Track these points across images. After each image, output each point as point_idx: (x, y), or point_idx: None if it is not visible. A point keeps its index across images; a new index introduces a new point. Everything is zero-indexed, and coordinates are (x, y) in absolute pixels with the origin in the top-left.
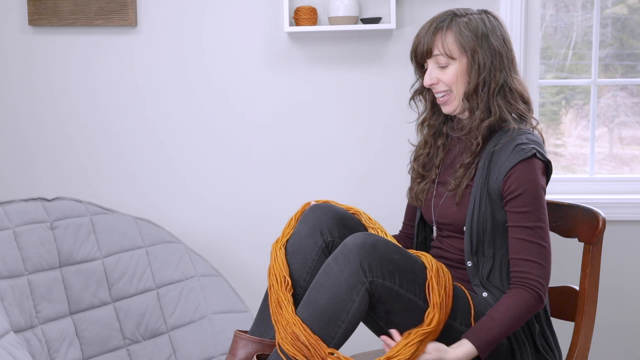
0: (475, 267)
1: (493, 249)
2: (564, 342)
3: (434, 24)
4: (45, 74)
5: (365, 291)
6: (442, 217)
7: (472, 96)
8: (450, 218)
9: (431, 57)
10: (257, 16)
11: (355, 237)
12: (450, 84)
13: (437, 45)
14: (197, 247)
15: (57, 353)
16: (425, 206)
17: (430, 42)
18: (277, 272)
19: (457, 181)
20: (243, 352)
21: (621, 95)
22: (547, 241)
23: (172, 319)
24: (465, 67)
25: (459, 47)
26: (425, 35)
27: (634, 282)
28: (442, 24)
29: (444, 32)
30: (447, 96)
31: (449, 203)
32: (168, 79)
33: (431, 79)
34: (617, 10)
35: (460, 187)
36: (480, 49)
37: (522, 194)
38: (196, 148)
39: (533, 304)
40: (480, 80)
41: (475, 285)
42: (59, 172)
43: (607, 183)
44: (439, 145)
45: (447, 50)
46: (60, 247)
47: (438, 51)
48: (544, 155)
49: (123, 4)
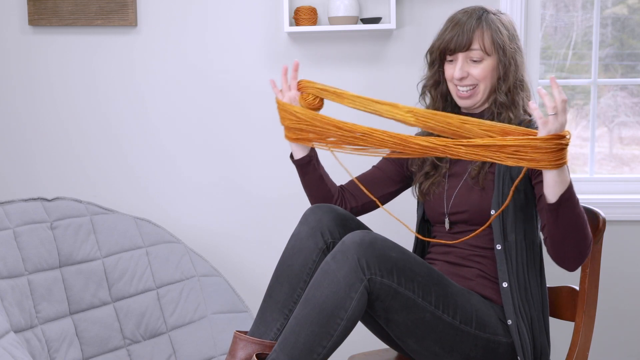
0: (505, 251)
1: (514, 234)
2: (564, 342)
3: (473, 20)
4: (45, 74)
5: (363, 288)
6: (459, 206)
7: (509, 93)
8: (470, 205)
9: (466, 51)
10: (257, 16)
11: (354, 235)
12: (480, 78)
13: (478, 39)
14: (197, 247)
15: (57, 353)
16: (435, 200)
17: (471, 36)
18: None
19: (478, 167)
20: (243, 353)
21: (621, 95)
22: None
23: (172, 319)
24: (496, 64)
25: (495, 44)
26: (464, 30)
27: (634, 282)
28: (481, 20)
29: (484, 28)
30: (472, 90)
31: (468, 190)
32: (168, 79)
33: (462, 72)
34: (617, 10)
35: (483, 171)
36: (511, 48)
37: None
38: (196, 148)
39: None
40: (513, 78)
41: (501, 271)
42: (59, 172)
43: (607, 183)
44: None
45: (486, 46)
46: (60, 247)
47: (478, 46)
48: None
49: (123, 4)
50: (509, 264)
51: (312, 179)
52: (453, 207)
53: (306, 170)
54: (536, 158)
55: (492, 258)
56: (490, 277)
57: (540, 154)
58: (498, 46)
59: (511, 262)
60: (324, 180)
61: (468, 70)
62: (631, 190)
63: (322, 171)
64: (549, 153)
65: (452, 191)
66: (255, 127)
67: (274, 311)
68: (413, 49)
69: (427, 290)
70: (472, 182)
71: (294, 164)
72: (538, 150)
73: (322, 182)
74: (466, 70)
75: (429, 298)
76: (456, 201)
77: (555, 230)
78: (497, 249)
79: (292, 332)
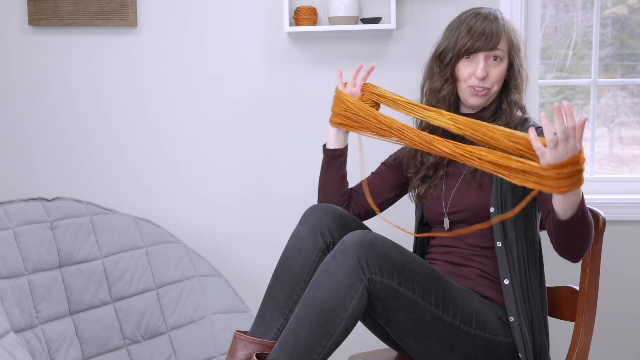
0: (505, 248)
1: (514, 231)
2: (564, 342)
3: (499, 20)
4: (45, 74)
5: (363, 288)
6: (458, 205)
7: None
8: (469, 203)
9: (490, 51)
10: (257, 16)
11: (353, 234)
12: (496, 79)
13: (504, 40)
14: (197, 247)
15: (57, 353)
16: (433, 201)
17: (500, 37)
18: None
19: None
20: (243, 353)
21: (621, 95)
22: None
23: (172, 319)
24: (507, 67)
25: (512, 47)
26: (492, 29)
27: (634, 282)
28: (504, 22)
29: (508, 30)
30: (486, 89)
31: (466, 189)
32: (168, 79)
33: (484, 71)
34: (617, 10)
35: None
36: (523, 52)
37: None
38: (196, 148)
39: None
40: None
41: (502, 268)
42: (59, 172)
43: (607, 183)
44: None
45: (508, 48)
46: (60, 247)
47: (502, 47)
48: None
49: (123, 4)
50: (510, 261)
51: (334, 174)
52: (452, 207)
53: (334, 163)
54: (540, 182)
55: (492, 257)
56: (491, 277)
57: (543, 179)
58: (515, 49)
59: (512, 259)
60: (342, 182)
61: (488, 70)
62: (631, 190)
63: (344, 172)
64: (551, 180)
65: (449, 191)
66: (255, 127)
67: (274, 311)
68: (413, 49)
69: (427, 290)
70: (471, 177)
71: (326, 153)
72: (540, 177)
73: (340, 183)
74: (486, 70)
75: (429, 298)
76: (454, 201)
77: (563, 238)
78: (498, 246)
79: (292, 332)
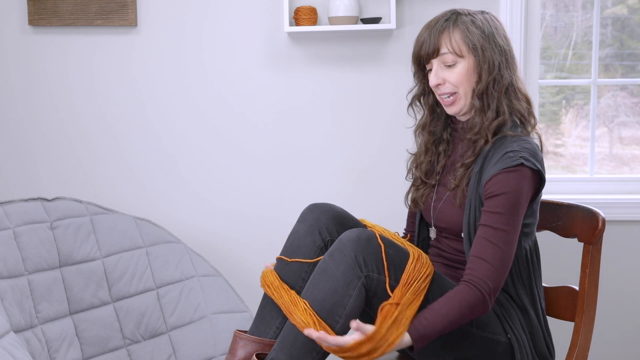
0: None
1: None
2: (564, 342)
3: (440, 23)
4: (45, 74)
5: (361, 285)
6: (440, 221)
7: (484, 95)
8: (448, 222)
9: (437, 57)
10: (257, 16)
11: (350, 232)
12: (457, 83)
13: (445, 43)
14: (197, 247)
15: (57, 353)
16: (425, 208)
17: (438, 40)
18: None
19: (456, 181)
20: (243, 351)
21: (621, 95)
22: (509, 246)
23: (172, 319)
24: (473, 66)
25: (467, 45)
26: (430, 34)
27: (634, 282)
28: (448, 22)
29: (451, 29)
30: (453, 97)
31: (448, 205)
32: (168, 79)
33: (438, 78)
34: (617, 10)
35: (460, 187)
36: (488, 47)
37: (498, 195)
38: (196, 148)
39: (475, 303)
40: (491, 79)
41: None
42: (59, 172)
43: (607, 183)
44: (440, 152)
45: (456, 48)
46: (60, 247)
47: (446, 49)
48: (534, 164)
49: (123, 4)
50: None
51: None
52: (437, 219)
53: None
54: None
55: None
56: None
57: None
58: (471, 47)
59: None
60: None
61: (444, 76)
62: (631, 190)
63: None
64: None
65: (437, 203)
66: (255, 127)
67: (273, 310)
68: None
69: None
70: (451, 194)
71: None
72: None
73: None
74: (442, 77)
75: (427, 295)
76: (440, 214)
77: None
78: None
79: (292, 331)
